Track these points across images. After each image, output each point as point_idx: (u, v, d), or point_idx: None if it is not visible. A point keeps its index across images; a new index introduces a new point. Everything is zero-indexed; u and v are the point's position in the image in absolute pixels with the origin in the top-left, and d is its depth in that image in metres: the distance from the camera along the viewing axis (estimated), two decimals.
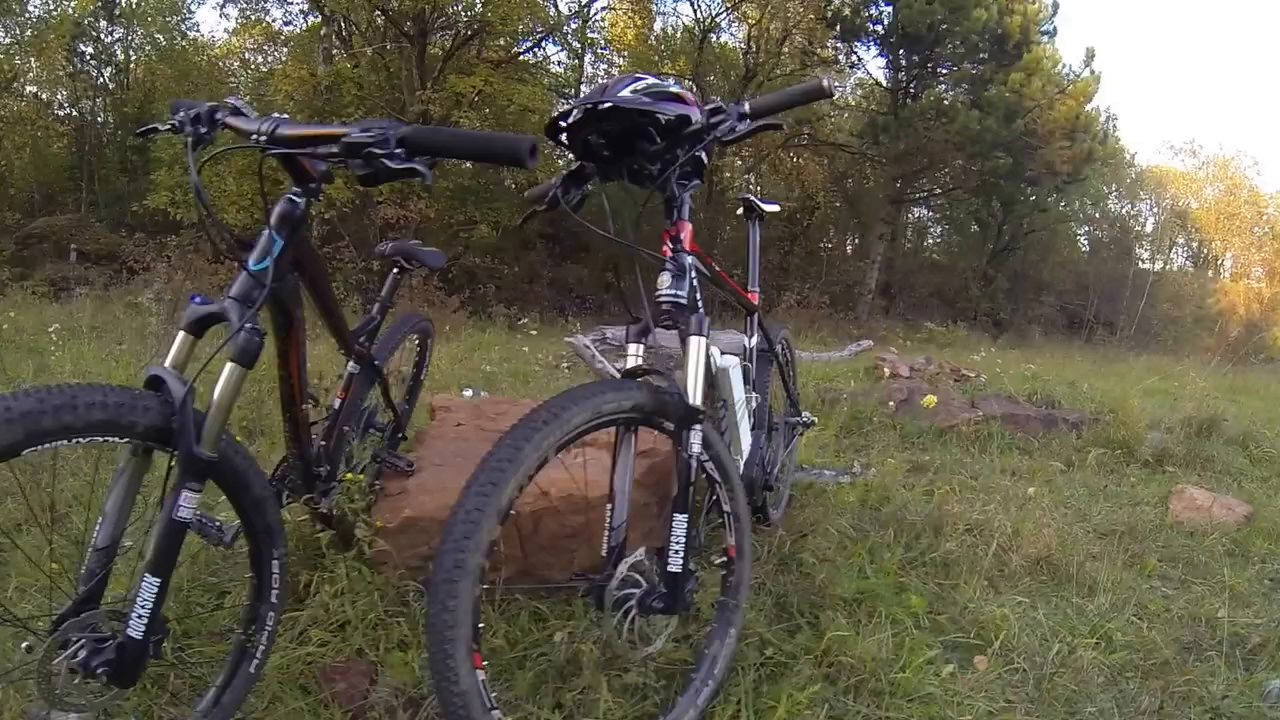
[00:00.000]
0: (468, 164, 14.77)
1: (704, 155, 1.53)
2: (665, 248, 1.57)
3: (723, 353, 1.98)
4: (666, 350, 1.60)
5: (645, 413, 1.42)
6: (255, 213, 10.18)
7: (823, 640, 1.77)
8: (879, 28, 15.09)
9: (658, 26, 17.24)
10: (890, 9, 14.46)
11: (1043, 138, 13.72)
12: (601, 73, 16.34)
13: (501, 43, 12.63)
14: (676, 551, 1.41)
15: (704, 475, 1.56)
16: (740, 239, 7.47)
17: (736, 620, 1.64)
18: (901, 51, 15.17)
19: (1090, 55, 15.45)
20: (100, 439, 1.07)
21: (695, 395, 1.45)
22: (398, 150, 1.15)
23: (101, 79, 13.47)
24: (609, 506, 1.46)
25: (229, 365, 1.21)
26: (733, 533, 1.64)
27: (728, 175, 17.73)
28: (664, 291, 1.54)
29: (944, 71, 15.34)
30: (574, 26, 13.35)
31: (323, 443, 1.90)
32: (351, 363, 2.00)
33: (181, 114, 1.31)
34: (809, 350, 8.70)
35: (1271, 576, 2.48)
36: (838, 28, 14.86)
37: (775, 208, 2.53)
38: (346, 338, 1.87)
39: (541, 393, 4.97)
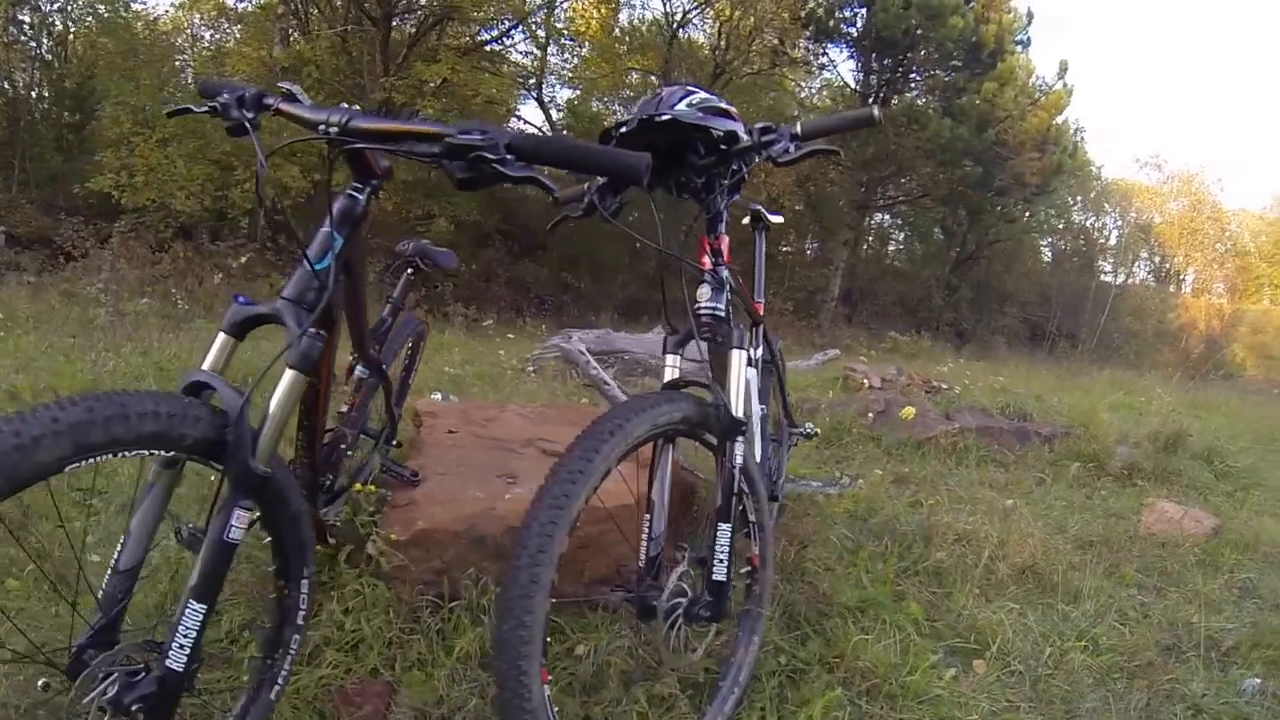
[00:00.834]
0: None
1: (745, 170, 1.68)
2: (705, 260, 1.70)
3: None
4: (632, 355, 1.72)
5: (691, 425, 1.53)
6: (206, 199, 10.02)
7: (834, 647, 1.94)
8: (852, 30, 15.54)
9: (623, 18, 17.44)
10: (865, 12, 14.91)
11: (1013, 148, 14.31)
12: (564, 64, 16.46)
13: (464, 29, 12.64)
14: (721, 561, 1.53)
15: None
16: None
17: (759, 628, 1.77)
18: (874, 55, 15.62)
19: (1063, 68, 16.15)
20: (147, 452, 1.03)
21: (738, 407, 1.58)
22: (508, 156, 1.13)
23: (38, 51, 13.10)
24: (647, 517, 1.54)
25: (288, 373, 1.18)
26: (757, 542, 1.78)
27: None
28: (704, 304, 1.65)
29: (916, 78, 15.87)
30: (542, 16, 13.45)
31: (348, 452, 1.96)
32: (360, 367, 2.03)
33: (225, 96, 1.27)
34: None
35: (1240, 585, 2.75)
36: (811, 28, 15.22)
37: (780, 219, 2.68)
38: (366, 341, 1.89)
39: (514, 397, 5.07)
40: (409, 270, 2.28)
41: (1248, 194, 65.67)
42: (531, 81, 14.47)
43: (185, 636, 1.09)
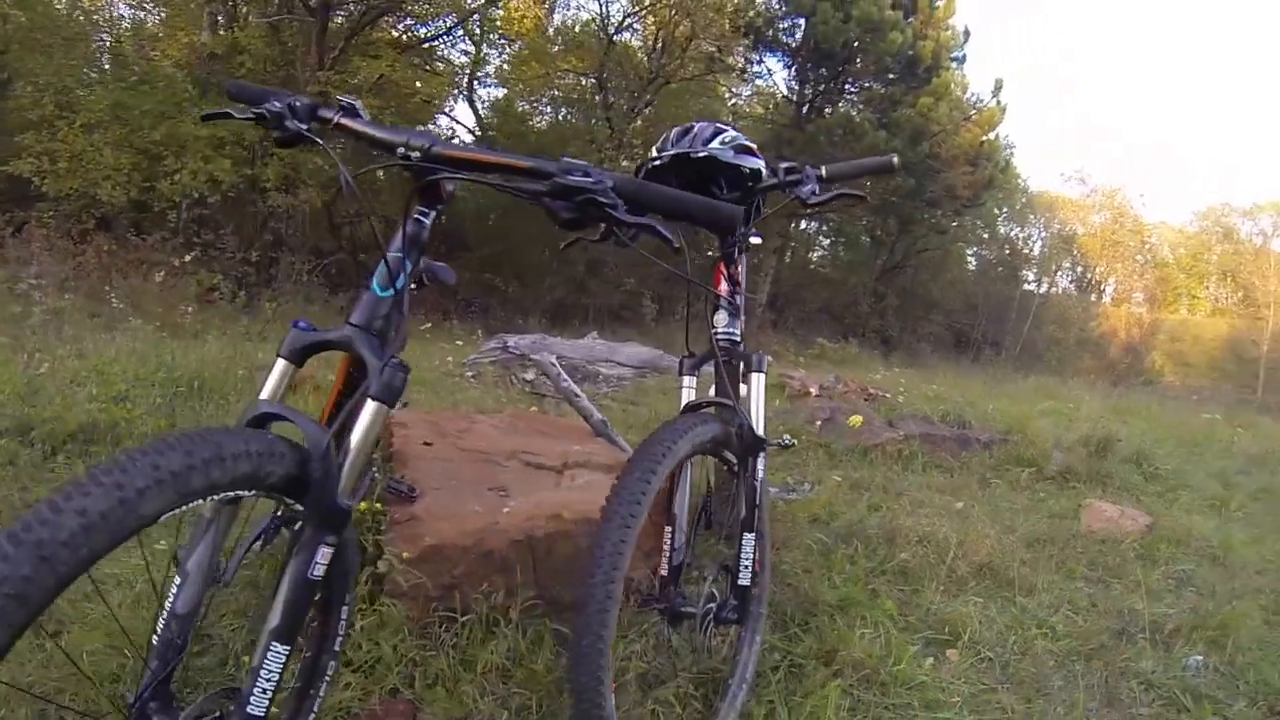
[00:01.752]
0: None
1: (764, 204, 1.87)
2: (723, 287, 1.88)
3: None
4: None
5: (717, 444, 1.69)
6: (133, 190, 9.66)
7: (825, 642, 2.13)
8: (790, 41, 16.08)
9: (557, 18, 17.54)
10: (804, 23, 15.47)
11: (946, 162, 15.09)
12: (497, 63, 16.46)
13: (404, 25, 12.55)
14: (746, 567, 1.72)
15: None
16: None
17: (760, 627, 1.95)
18: (810, 66, 16.18)
19: (998, 86, 17.21)
20: (233, 494, 1.00)
21: (760, 426, 1.76)
22: (619, 201, 1.14)
23: None
24: (668, 530, 1.71)
25: (371, 404, 1.15)
26: (757, 548, 1.97)
27: None
28: (722, 330, 1.85)
29: (851, 90, 16.53)
30: (481, 17, 13.46)
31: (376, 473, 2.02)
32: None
33: (275, 104, 1.24)
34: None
35: (1176, 576, 3.09)
36: (750, 37, 15.70)
37: (759, 240, 2.89)
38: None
39: (461, 403, 5.15)
40: (413, 286, 2.34)
41: (1171, 208, 69.56)
42: (464, 80, 14.42)
43: (268, 680, 1.07)
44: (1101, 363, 22.73)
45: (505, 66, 15.31)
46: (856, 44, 14.92)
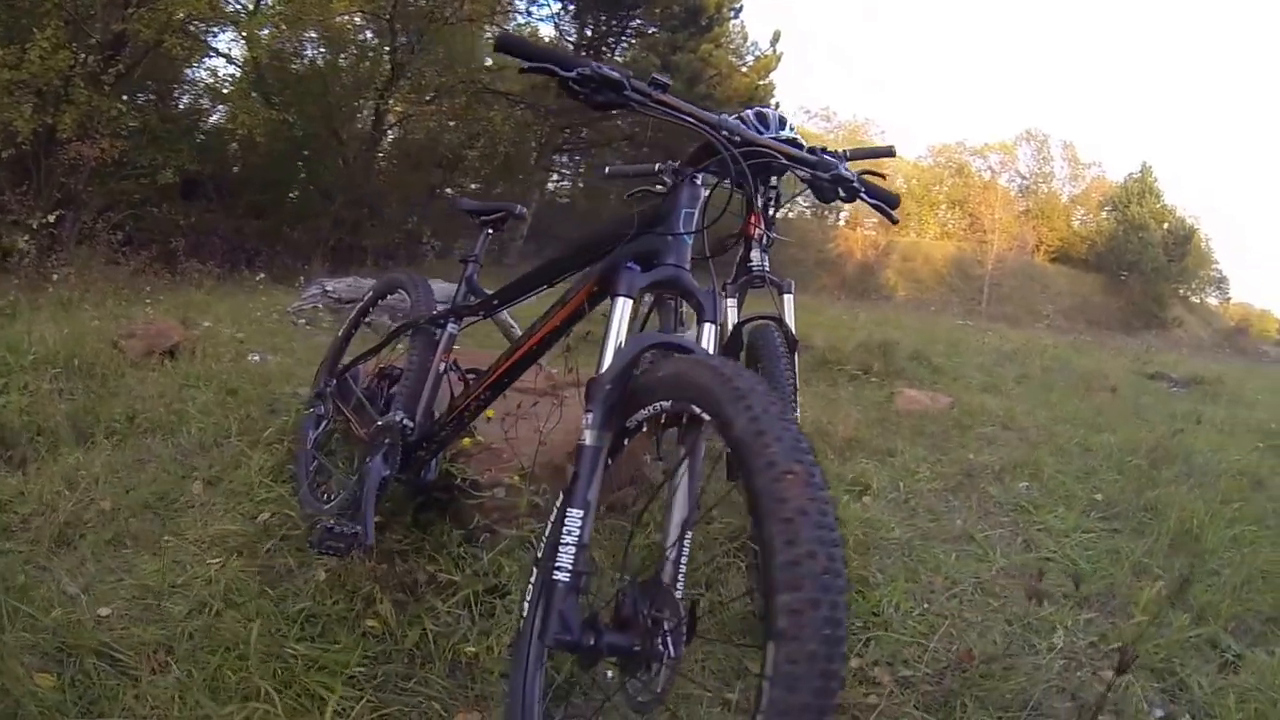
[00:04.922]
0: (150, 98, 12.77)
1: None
2: (757, 230, 2.43)
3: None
4: None
5: None
6: None
7: None
8: None
9: None
10: None
11: (721, 102, 16.18)
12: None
13: None
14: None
15: None
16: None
17: None
18: (589, 10, 16.47)
19: (776, 36, 18.74)
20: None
21: (794, 330, 2.36)
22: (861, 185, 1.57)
23: None
24: None
25: (709, 327, 1.38)
26: None
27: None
28: (756, 263, 2.42)
29: (632, 39, 17.12)
30: None
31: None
32: (453, 323, 2.30)
33: (615, 74, 1.33)
34: None
35: (983, 437, 4.19)
36: None
37: None
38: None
39: (319, 349, 5.21)
40: (489, 230, 2.47)
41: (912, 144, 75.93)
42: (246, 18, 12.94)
43: (684, 563, 1.28)
44: (838, 280, 25.76)
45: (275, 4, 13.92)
46: None
